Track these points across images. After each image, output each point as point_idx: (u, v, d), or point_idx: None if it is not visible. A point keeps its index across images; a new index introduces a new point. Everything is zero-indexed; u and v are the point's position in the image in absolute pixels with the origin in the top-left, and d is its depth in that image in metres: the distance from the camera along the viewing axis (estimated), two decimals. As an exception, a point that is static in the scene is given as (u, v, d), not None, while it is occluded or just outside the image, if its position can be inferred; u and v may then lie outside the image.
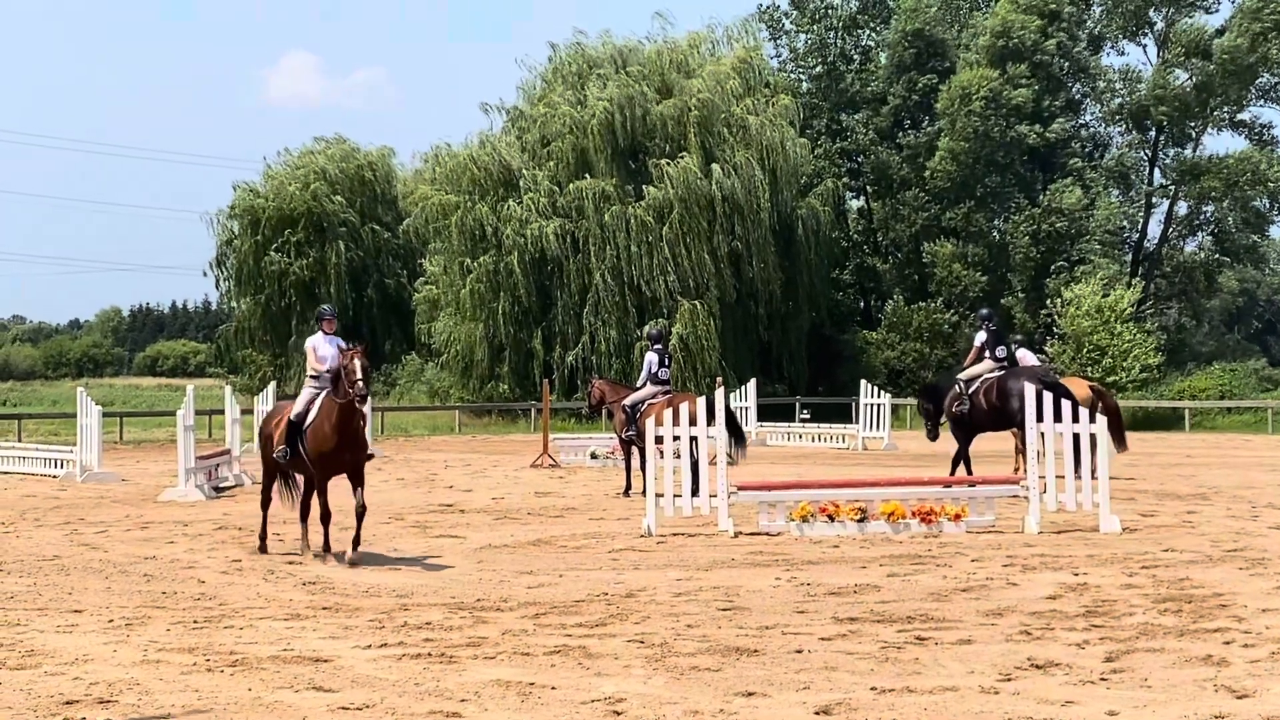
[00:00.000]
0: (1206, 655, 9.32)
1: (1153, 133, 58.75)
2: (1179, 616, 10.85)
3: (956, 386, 22.96)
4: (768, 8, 62.62)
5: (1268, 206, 57.63)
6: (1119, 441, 23.81)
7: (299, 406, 15.23)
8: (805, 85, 61.23)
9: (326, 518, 15.03)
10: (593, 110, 52.14)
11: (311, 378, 15.43)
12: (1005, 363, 22.85)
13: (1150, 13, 58.57)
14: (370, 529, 17.87)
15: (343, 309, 65.16)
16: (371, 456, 15.36)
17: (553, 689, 8.59)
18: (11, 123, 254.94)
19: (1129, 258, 58.92)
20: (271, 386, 39.95)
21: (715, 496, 17.17)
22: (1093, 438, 17.40)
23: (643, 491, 18.59)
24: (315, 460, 14.84)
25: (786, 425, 42.62)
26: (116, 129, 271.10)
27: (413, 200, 61.36)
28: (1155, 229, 60.10)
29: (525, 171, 52.99)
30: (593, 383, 25.52)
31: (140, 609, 11.78)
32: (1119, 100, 58.76)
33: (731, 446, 20.74)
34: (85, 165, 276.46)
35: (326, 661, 9.45)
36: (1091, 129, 60.75)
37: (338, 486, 15.26)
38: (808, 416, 47.65)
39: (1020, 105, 54.97)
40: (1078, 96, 59.48)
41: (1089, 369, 49.69)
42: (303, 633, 10.59)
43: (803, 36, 62.43)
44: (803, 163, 54.50)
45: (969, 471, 21.84)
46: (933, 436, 24.97)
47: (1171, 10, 58.10)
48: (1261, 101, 57.69)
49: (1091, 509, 16.94)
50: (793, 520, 16.84)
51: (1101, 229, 55.93)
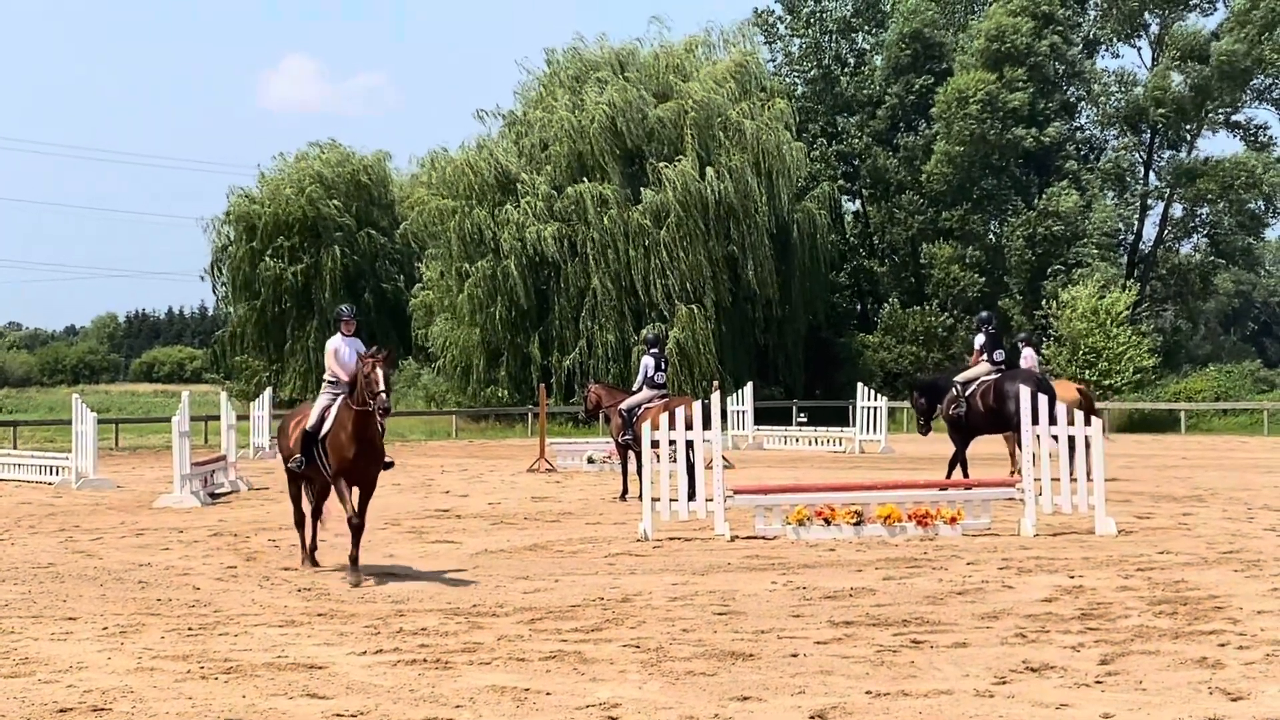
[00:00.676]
0: (1201, 657, 9.31)
1: (1148, 135, 58.81)
2: (1174, 619, 10.85)
3: (954, 389, 22.97)
4: (762, 12, 62.68)
5: (1263, 209, 57.66)
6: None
7: (314, 415, 14.41)
8: (800, 89, 61.24)
9: (359, 528, 14.03)
10: (591, 114, 52.16)
11: (329, 382, 14.64)
12: (1002, 365, 22.89)
13: (1145, 15, 58.63)
14: (366, 534, 17.83)
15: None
16: (390, 465, 14.52)
17: (548, 695, 8.58)
18: (6, 128, 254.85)
19: (1124, 260, 58.95)
20: (267, 392, 40.04)
21: (711, 500, 17.18)
22: (1088, 440, 17.43)
23: (639, 496, 18.57)
24: (337, 471, 14.03)
25: (783, 428, 42.61)
26: (113, 134, 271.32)
27: (409, 205, 61.37)
28: (1150, 231, 60.21)
29: (523, 176, 53.00)
30: (589, 387, 25.51)
31: (135, 616, 11.76)
32: (1114, 103, 58.81)
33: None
34: (81, 170, 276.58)
35: (321, 668, 9.44)
36: (1086, 132, 60.80)
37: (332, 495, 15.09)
38: (804, 420, 47.65)
39: (1016, 108, 55.00)
40: (1072, 99, 59.55)
41: (1085, 371, 49.73)
42: (297, 639, 10.58)
43: (797, 40, 62.46)
44: (799, 166, 54.48)
45: (965, 474, 21.85)
46: (924, 431, 24.99)
47: (1166, 12, 58.15)
48: (1257, 103, 57.77)
49: (1087, 511, 16.95)
50: (789, 524, 16.84)
51: (1098, 231, 55.97)
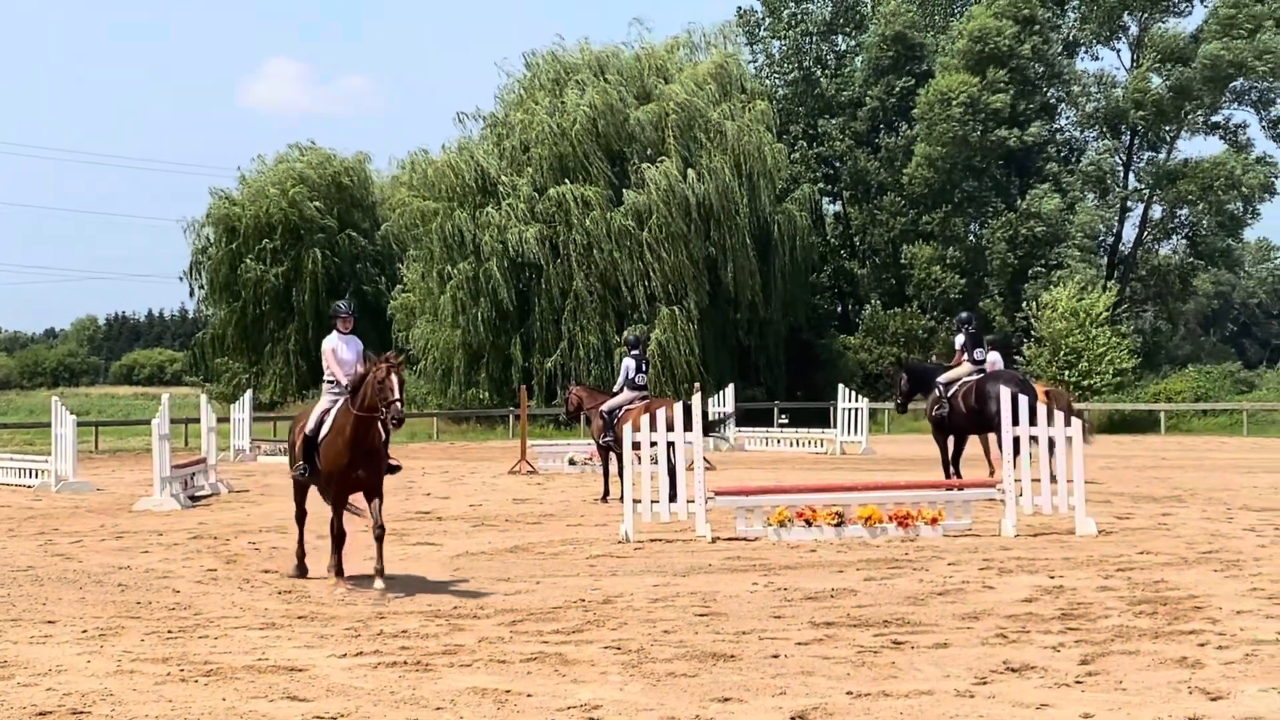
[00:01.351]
0: (1181, 657, 9.34)
1: (1127, 137, 59.00)
2: (1154, 619, 10.88)
3: (936, 390, 23.03)
4: (744, 12, 62.72)
5: (1242, 210, 57.87)
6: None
7: (313, 419, 13.69)
8: (782, 91, 61.32)
9: (340, 539, 13.55)
10: (572, 116, 52.18)
11: (329, 383, 13.88)
12: (983, 365, 22.95)
13: (1124, 17, 58.81)
14: (347, 537, 17.84)
15: (319, 316, 65.06)
16: (397, 469, 13.82)
17: (529, 696, 8.57)
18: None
19: (1104, 261, 59.13)
20: (248, 395, 39.96)
21: (693, 502, 17.17)
22: (1069, 441, 17.47)
23: (620, 497, 18.56)
24: (327, 477, 13.36)
25: (764, 430, 42.63)
26: (94, 136, 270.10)
27: (390, 207, 61.32)
28: (1130, 232, 60.44)
29: (504, 178, 52.98)
30: (570, 389, 25.51)
31: (114, 619, 11.72)
32: (1094, 104, 58.99)
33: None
34: (61, 172, 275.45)
35: (301, 670, 9.42)
36: (1066, 133, 60.99)
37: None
38: (785, 421, 47.66)
39: (998, 110, 55.12)
40: (1052, 101, 59.70)
41: (1065, 372, 49.89)
42: (278, 642, 10.55)
43: (778, 42, 62.53)
44: (780, 167, 54.58)
45: (958, 474, 21.95)
46: (901, 410, 25.21)
47: (1145, 15, 58.35)
48: (1236, 105, 57.99)
49: (1067, 512, 16.99)
50: (770, 525, 16.84)
51: (1080, 233, 56.16)
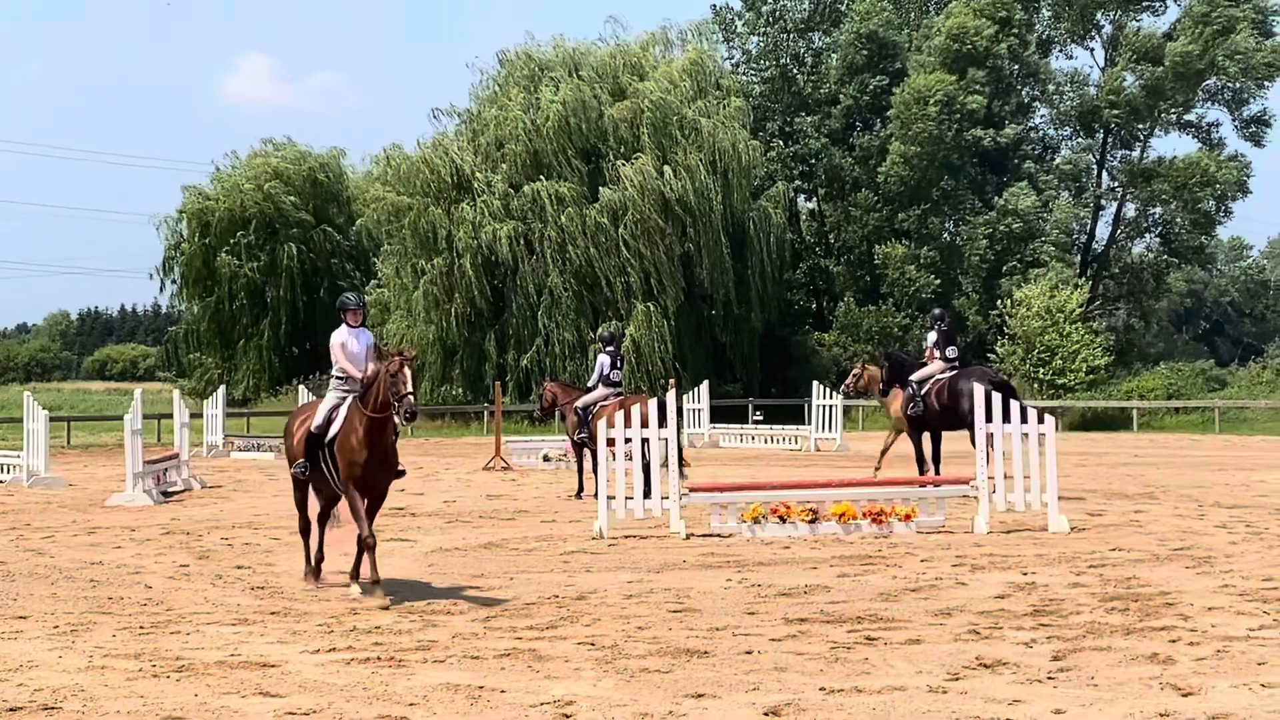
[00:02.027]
0: (1153, 653, 9.38)
1: (1101, 135, 59.23)
2: (1126, 615, 10.92)
3: (910, 388, 23.07)
4: (721, 9, 62.72)
5: (1215, 208, 58.13)
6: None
7: (320, 416, 13.12)
8: (758, 88, 61.33)
9: (369, 544, 12.60)
10: (546, 113, 52.15)
11: (338, 379, 13.29)
12: (956, 362, 23.00)
13: (1098, 15, 59.02)
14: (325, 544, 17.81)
15: (294, 311, 64.95)
16: (402, 473, 13.33)
17: (502, 692, 8.57)
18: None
19: (1078, 259, 59.36)
20: (221, 390, 39.88)
21: (667, 498, 17.17)
22: (1041, 437, 17.52)
23: (595, 494, 18.56)
24: (347, 480, 12.75)
25: (739, 427, 42.68)
26: (66, 131, 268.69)
27: (365, 202, 61.22)
28: (1103, 230, 60.66)
29: (479, 174, 52.91)
30: (545, 385, 25.49)
31: (86, 615, 11.68)
32: (1068, 103, 59.21)
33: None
34: (34, 167, 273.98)
35: (274, 666, 9.40)
36: (1041, 131, 61.21)
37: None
38: (760, 418, 47.71)
39: (974, 109, 55.24)
40: (1027, 99, 59.88)
41: (1039, 370, 50.08)
42: (250, 638, 10.53)
43: (755, 38, 62.53)
44: (755, 165, 54.62)
45: (937, 471, 22.01)
46: (883, 395, 25.37)
47: (1118, 13, 58.56)
48: (1209, 104, 58.23)
49: (1040, 509, 17.05)
50: (744, 522, 16.86)
51: (1056, 231, 56.37)
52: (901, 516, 16.94)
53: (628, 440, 17.62)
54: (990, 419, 17.35)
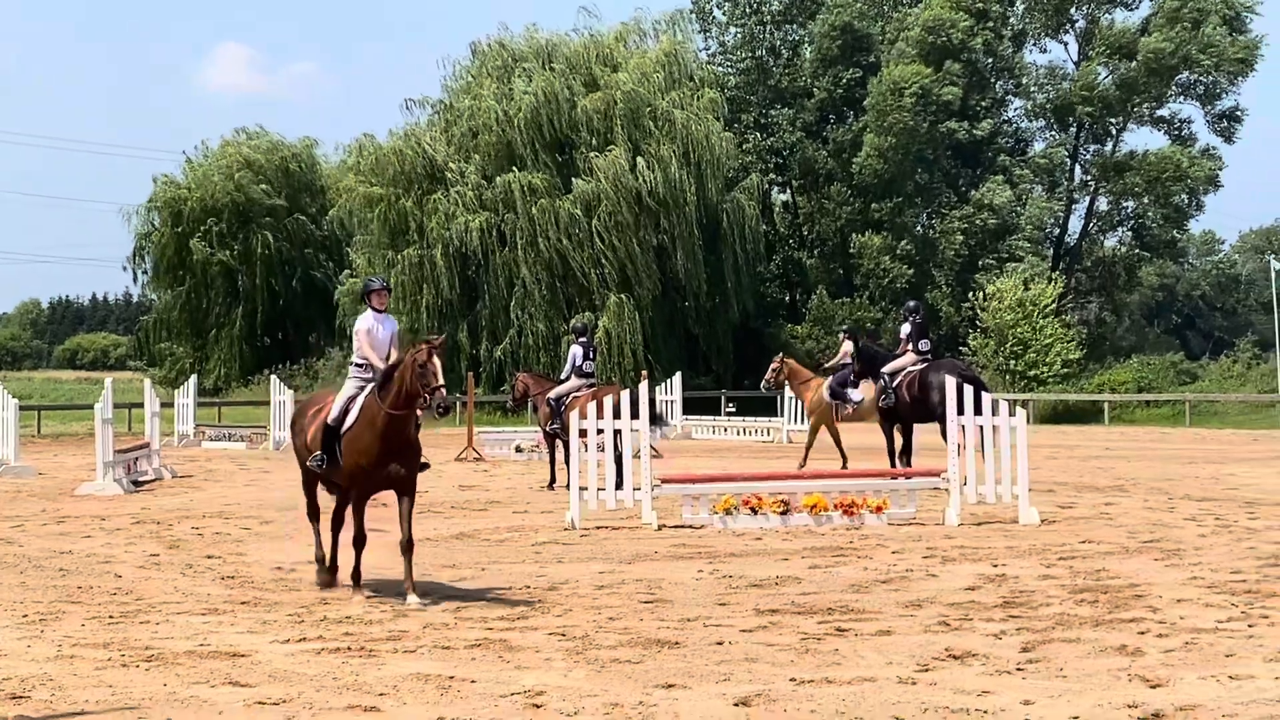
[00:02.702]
0: (1121, 645, 9.41)
1: (1074, 129, 59.43)
2: (1095, 607, 10.96)
3: (881, 380, 23.10)
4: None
5: (1187, 202, 58.41)
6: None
7: (337, 407, 12.25)
8: (734, 79, 61.32)
9: (361, 541, 12.07)
10: (519, 104, 52.09)
11: (357, 366, 12.43)
12: (928, 355, 23.03)
13: (1072, 10, 59.19)
14: (292, 523, 17.76)
15: (266, 300, 64.75)
16: (426, 466, 12.38)
17: (472, 682, 8.56)
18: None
19: (1050, 252, 59.57)
20: (192, 380, 39.73)
21: (639, 490, 17.18)
22: (1013, 430, 17.56)
23: (567, 485, 18.56)
24: (350, 474, 12.04)
25: (712, 418, 42.71)
26: (37, 119, 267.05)
27: (338, 192, 61.10)
28: (1076, 224, 60.90)
29: (452, 165, 52.83)
30: (517, 376, 25.47)
31: (55, 604, 11.63)
32: (1042, 97, 59.38)
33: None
34: (4, 156, 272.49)
35: (244, 656, 9.37)
36: (1015, 125, 61.39)
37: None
38: (733, 409, 47.75)
39: (949, 102, 55.37)
40: (1001, 93, 60.05)
41: (1011, 362, 50.23)
42: (220, 627, 10.50)
43: (733, 30, 62.50)
44: (728, 156, 54.62)
45: (893, 464, 22.04)
46: (855, 383, 25.62)
47: (1092, 7, 58.75)
48: (1181, 98, 58.48)
49: (1011, 501, 17.10)
50: (716, 513, 16.87)
51: (1030, 224, 56.56)
52: (873, 508, 16.98)
53: (600, 431, 17.61)
54: (961, 411, 17.39)
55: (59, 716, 7.81)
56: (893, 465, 22.23)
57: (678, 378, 41.08)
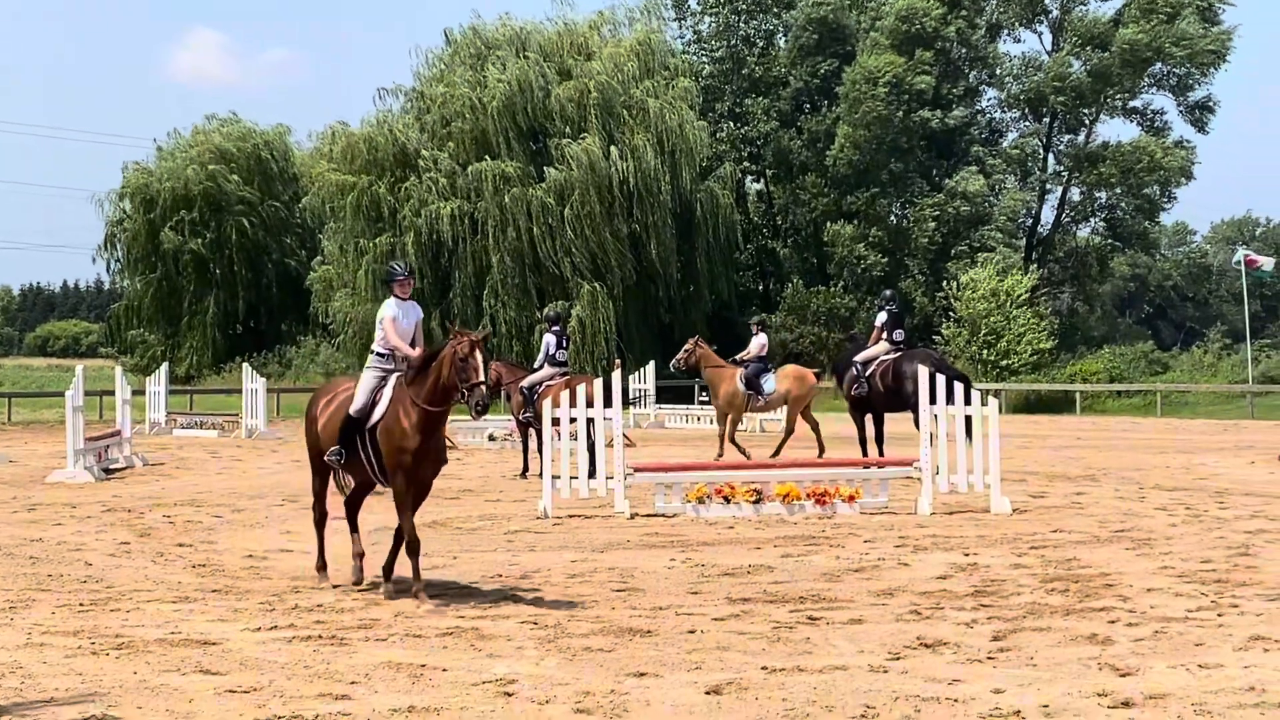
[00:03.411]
0: (1092, 634, 9.44)
1: (1047, 120, 59.60)
2: (1066, 596, 11.00)
3: (854, 369, 23.15)
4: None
5: (1159, 193, 58.64)
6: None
7: (361, 396, 11.45)
8: (708, 69, 61.30)
9: (416, 548, 11.32)
10: (492, 92, 52.01)
11: (379, 355, 11.74)
12: (902, 345, 23.10)
13: (1046, 0, 59.36)
14: (264, 511, 17.76)
15: (239, 288, 64.55)
16: (445, 461, 11.70)
17: (444, 671, 8.54)
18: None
19: (1023, 242, 59.73)
20: (164, 367, 39.58)
21: (612, 478, 17.18)
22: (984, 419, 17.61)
23: (540, 473, 18.55)
24: (395, 470, 11.14)
25: (685, 407, 42.73)
26: (8, 104, 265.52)
27: (310, 179, 60.93)
28: (1049, 214, 61.09)
29: (424, 152, 52.73)
30: (490, 365, 25.39)
31: (25, 591, 11.57)
32: (1016, 87, 59.52)
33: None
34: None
35: (215, 644, 9.34)
36: (988, 115, 61.53)
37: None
38: (706, 399, 47.70)
39: (922, 91, 55.45)
40: (975, 83, 60.16)
41: (984, 352, 50.35)
42: (191, 615, 10.45)
43: (708, 19, 62.46)
44: (702, 146, 54.60)
45: (880, 453, 22.11)
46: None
47: (1066, -3, 58.98)
48: (1154, 89, 58.68)
49: (983, 490, 17.14)
50: (689, 502, 16.88)
51: (1004, 215, 56.71)
52: (845, 497, 17.01)
53: (573, 420, 17.59)
54: (934, 401, 17.42)
55: (28, 704, 7.77)
56: (864, 454, 22.29)
57: (650, 366, 41.08)
